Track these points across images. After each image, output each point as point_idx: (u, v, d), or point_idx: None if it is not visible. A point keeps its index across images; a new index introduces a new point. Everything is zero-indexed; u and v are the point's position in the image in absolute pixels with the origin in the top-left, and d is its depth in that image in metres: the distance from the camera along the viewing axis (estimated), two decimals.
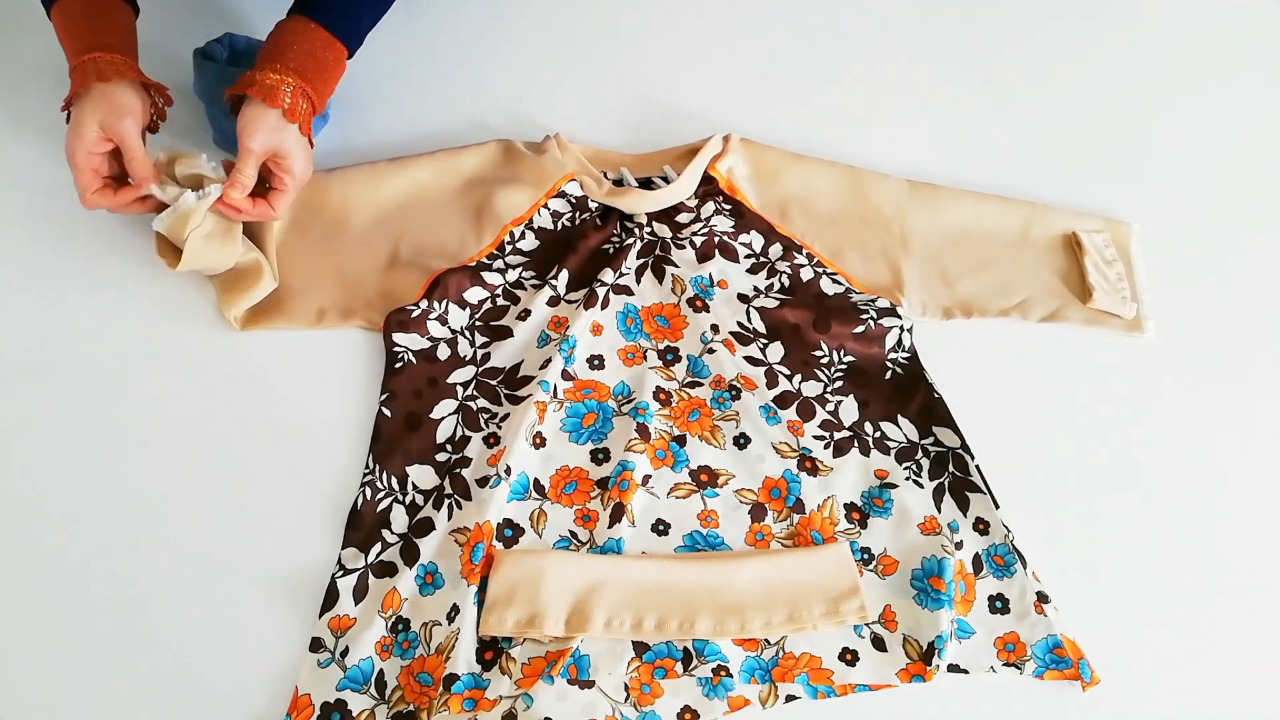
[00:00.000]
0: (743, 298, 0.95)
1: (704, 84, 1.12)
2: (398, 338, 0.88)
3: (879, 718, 0.76)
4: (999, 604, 0.80)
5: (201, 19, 1.08)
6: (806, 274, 0.96)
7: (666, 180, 1.00)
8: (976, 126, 1.12)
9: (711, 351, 0.91)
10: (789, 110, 1.10)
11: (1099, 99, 1.16)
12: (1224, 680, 0.80)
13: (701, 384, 0.90)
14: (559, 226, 0.97)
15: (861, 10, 1.20)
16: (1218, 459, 0.91)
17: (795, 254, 0.97)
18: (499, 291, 0.92)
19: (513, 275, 0.93)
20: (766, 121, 1.08)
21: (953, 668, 0.77)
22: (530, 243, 0.96)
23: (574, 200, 0.98)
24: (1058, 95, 1.16)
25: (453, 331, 0.90)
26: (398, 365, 0.86)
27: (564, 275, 0.93)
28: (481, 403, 0.86)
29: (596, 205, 0.98)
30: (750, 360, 0.91)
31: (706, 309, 0.94)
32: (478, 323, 0.91)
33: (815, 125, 1.09)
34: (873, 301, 0.94)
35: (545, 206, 0.97)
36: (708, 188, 0.99)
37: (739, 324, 0.93)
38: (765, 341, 0.92)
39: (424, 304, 0.89)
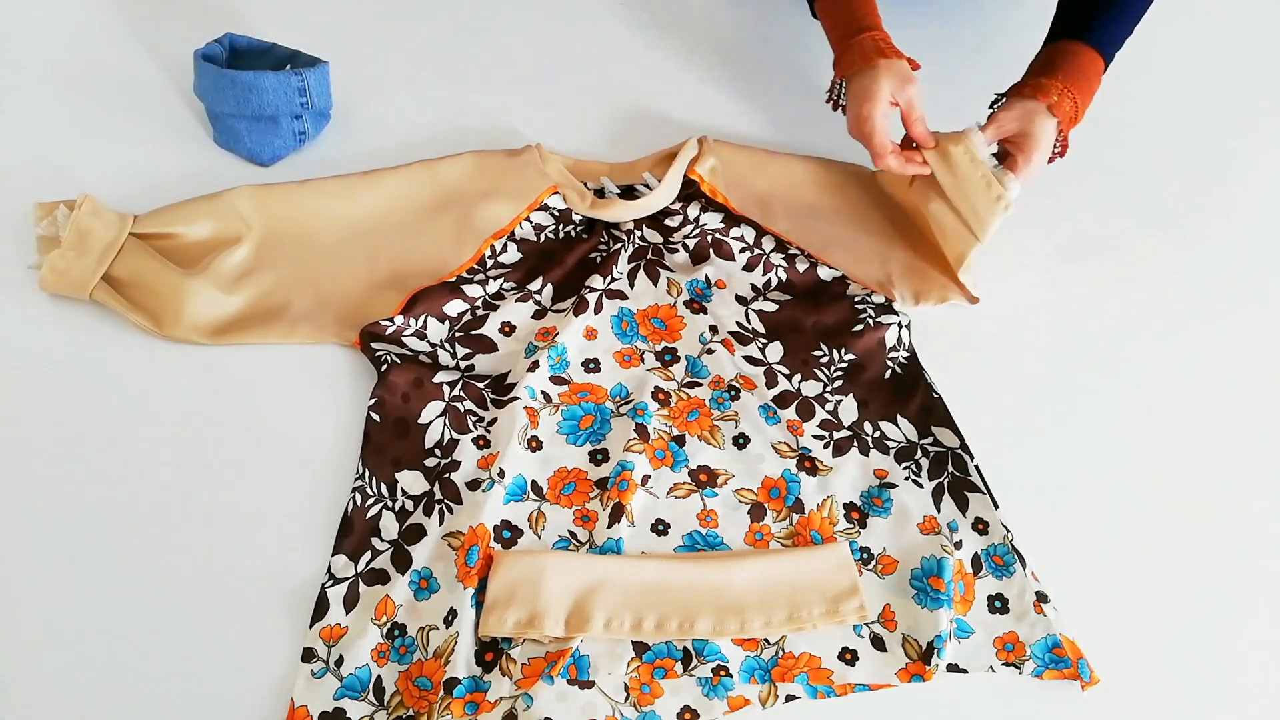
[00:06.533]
0: (741, 299, 0.95)
1: (678, 87, 1.11)
2: (376, 345, 0.88)
3: (879, 717, 0.76)
4: (998, 604, 0.80)
5: (201, 19, 1.09)
6: (802, 264, 0.96)
7: (648, 187, 1.00)
8: (945, 120, 1.11)
9: (710, 352, 0.91)
10: (764, 109, 1.10)
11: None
12: (1224, 680, 0.80)
13: (700, 384, 0.90)
14: (541, 239, 0.97)
15: None
16: (1218, 458, 0.91)
17: (787, 246, 0.98)
18: (479, 303, 0.92)
19: (493, 286, 0.93)
20: (742, 122, 1.08)
21: (952, 667, 0.77)
22: (512, 255, 0.96)
23: (557, 213, 0.98)
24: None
25: (432, 345, 0.89)
26: (383, 368, 0.86)
27: (548, 288, 0.93)
28: (468, 405, 0.86)
29: (580, 218, 0.98)
30: (749, 360, 0.91)
31: (704, 310, 0.94)
32: (457, 334, 0.90)
33: (790, 122, 1.09)
34: (869, 297, 0.94)
35: (527, 219, 0.97)
36: (689, 190, 0.99)
37: (738, 324, 0.93)
38: (764, 341, 0.92)
39: (400, 320, 0.89)
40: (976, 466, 0.86)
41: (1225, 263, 1.04)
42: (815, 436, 0.87)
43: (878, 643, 0.78)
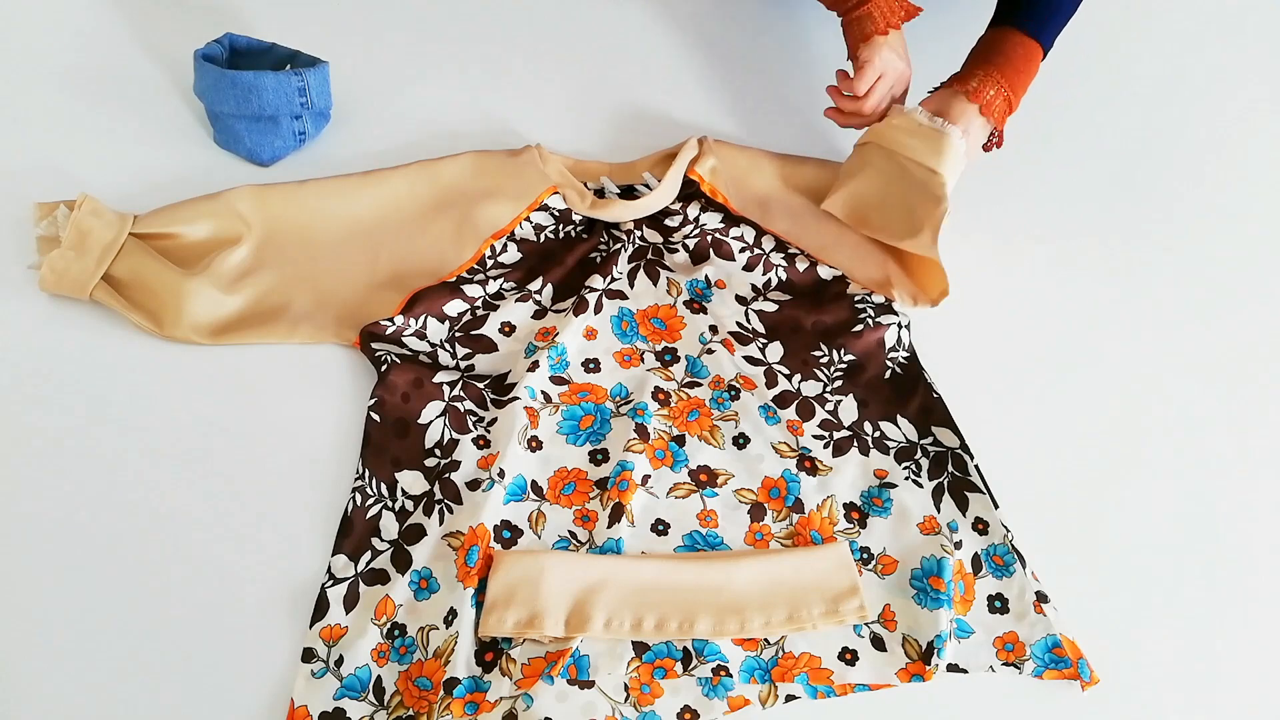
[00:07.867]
0: (741, 299, 0.95)
1: (678, 87, 1.11)
2: (376, 345, 0.88)
3: (879, 717, 0.76)
4: (998, 604, 0.80)
5: (201, 19, 1.08)
6: (802, 264, 0.96)
7: (648, 187, 1.00)
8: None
9: (710, 352, 0.91)
10: (764, 109, 1.10)
11: (1069, 79, 1.16)
12: (1224, 680, 0.80)
13: (700, 384, 0.90)
14: (541, 239, 0.97)
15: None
16: (1218, 459, 0.91)
17: (787, 246, 0.98)
18: (479, 303, 0.92)
19: (493, 286, 0.93)
20: (742, 122, 1.08)
21: (952, 667, 0.77)
22: (512, 255, 0.96)
23: (557, 213, 0.98)
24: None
25: (432, 345, 0.89)
26: (383, 369, 0.86)
27: (548, 289, 0.93)
28: (468, 405, 0.86)
29: (580, 218, 0.98)
30: (749, 360, 0.91)
31: (704, 310, 0.94)
32: (457, 334, 0.90)
33: (790, 122, 1.09)
34: (869, 297, 0.94)
35: (527, 219, 0.97)
36: (689, 190, 0.99)
37: (738, 324, 0.93)
38: (765, 341, 0.92)
39: (400, 319, 0.89)
40: (976, 466, 0.86)
41: (1226, 263, 1.04)
42: (815, 436, 0.87)
43: (878, 643, 0.78)
